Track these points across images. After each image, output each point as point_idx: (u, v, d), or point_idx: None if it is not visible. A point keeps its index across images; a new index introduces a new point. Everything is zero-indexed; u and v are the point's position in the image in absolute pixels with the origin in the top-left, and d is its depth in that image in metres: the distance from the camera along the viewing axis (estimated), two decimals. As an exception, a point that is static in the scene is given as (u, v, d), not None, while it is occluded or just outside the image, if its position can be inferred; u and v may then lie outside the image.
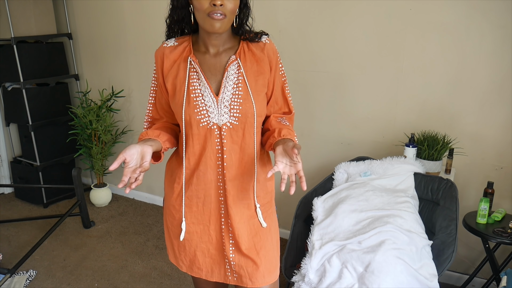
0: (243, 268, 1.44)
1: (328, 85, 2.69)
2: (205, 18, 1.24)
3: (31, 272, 2.68)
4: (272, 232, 1.49)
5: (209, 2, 1.22)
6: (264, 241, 1.45)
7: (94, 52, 3.69)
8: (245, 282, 1.45)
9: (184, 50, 1.36)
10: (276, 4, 2.71)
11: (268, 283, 1.48)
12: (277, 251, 1.52)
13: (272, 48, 1.37)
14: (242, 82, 1.33)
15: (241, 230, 1.40)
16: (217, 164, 1.37)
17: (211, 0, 1.21)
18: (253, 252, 1.43)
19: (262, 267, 1.44)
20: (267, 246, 1.46)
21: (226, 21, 1.25)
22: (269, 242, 1.47)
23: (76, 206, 3.17)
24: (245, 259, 1.43)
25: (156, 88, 1.45)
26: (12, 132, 3.84)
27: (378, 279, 1.68)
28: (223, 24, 1.25)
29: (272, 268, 1.49)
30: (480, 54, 2.24)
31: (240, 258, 1.43)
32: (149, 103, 1.48)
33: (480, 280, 2.43)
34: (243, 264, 1.43)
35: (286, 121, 1.46)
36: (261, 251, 1.44)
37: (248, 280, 1.44)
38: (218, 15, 1.22)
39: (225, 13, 1.23)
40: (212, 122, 1.33)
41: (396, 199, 2.04)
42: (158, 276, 2.67)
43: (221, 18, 1.23)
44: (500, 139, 2.29)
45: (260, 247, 1.44)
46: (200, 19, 1.27)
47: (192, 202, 1.42)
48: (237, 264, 1.44)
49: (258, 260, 1.43)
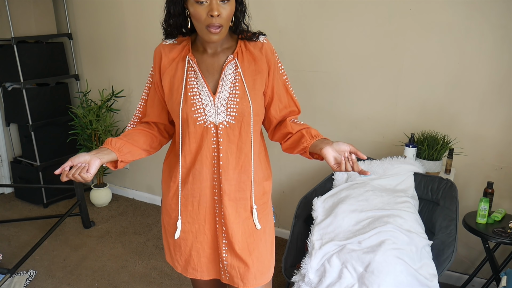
0: (235, 269, 1.44)
1: (328, 85, 2.69)
2: (204, 29, 1.26)
3: (31, 272, 2.68)
4: (266, 233, 1.48)
5: (207, 12, 1.23)
6: (257, 242, 1.44)
7: (94, 52, 3.69)
8: (236, 282, 1.45)
9: (183, 49, 1.37)
10: (276, 4, 2.71)
11: (260, 285, 1.47)
12: (271, 253, 1.51)
13: (269, 48, 1.38)
14: (239, 81, 1.33)
15: (235, 230, 1.40)
16: (213, 163, 1.37)
17: (209, 11, 1.22)
18: (246, 253, 1.42)
19: (254, 269, 1.44)
20: (260, 247, 1.45)
21: (223, 30, 1.27)
22: (262, 243, 1.46)
23: (76, 206, 3.18)
24: (237, 260, 1.43)
25: (150, 85, 1.46)
26: (12, 132, 3.84)
27: (378, 279, 1.68)
28: (221, 35, 1.28)
29: (265, 270, 1.48)
30: (480, 54, 2.24)
31: (232, 259, 1.43)
32: (142, 99, 1.49)
33: (480, 280, 2.43)
34: (235, 264, 1.43)
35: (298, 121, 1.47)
36: (254, 252, 1.43)
37: (239, 280, 1.44)
38: (215, 28, 1.24)
39: (222, 23, 1.25)
40: (209, 121, 1.34)
41: (396, 199, 2.04)
42: (158, 276, 2.67)
43: (218, 31, 1.26)
44: (500, 139, 2.29)
45: (253, 248, 1.43)
46: (198, 30, 1.29)
47: (187, 201, 1.42)
48: (229, 264, 1.44)
49: (250, 262, 1.43)
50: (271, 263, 1.51)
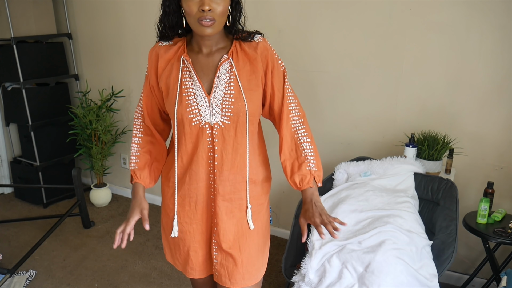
0: (224, 267, 1.44)
1: (328, 85, 2.69)
2: (196, 23, 1.26)
3: (31, 272, 2.68)
4: (260, 234, 1.48)
5: (198, 7, 1.23)
6: (249, 243, 1.44)
7: (94, 52, 3.69)
8: (224, 281, 1.45)
9: (178, 49, 1.37)
10: (276, 4, 2.71)
11: (247, 285, 1.46)
12: (262, 255, 1.50)
13: (265, 47, 1.36)
14: (234, 81, 1.32)
15: (226, 230, 1.40)
16: (209, 163, 1.37)
17: (200, 6, 1.22)
18: (236, 253, 1.42)
19: (243, 269, 1.44)
20: (252, 248, 1.45)
21: (216, 24, 1.26)
22: (255, 244, 1.45)
23: (76, 206, 3.17)
24: (226, 259, 1.43)
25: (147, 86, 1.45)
26: (12, 132, 3.84)
27: (378, 279, 1.68)
28: (213, 28, 1.26)
29: (254, 271, 1.47)
30: (480, 54, 2.24)
31: (222, 257, 1.44)
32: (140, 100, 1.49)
33: (480, 280, 2.43)
34: (224, 263, 1.43)
35: (302, 129, 1.41)
36: (244, 253, 1.43)
37: (227, 279, 1.44)
38: (207, 21, 1.24)
39: (214, 17, 1.24)
40: (204, 121, 1.33)
41: (396, 199, 2.04)
42: (158, 276, 2.67)
43: (210, 24, 1.25)
44: (500, 139, 2.29)
45: (244, 248, 1.43)
46: (191, 24, 1.28)
47: (185, 201, 1.42)
48: (219, 263, 1.44)
49: (239, 261, 1.42)
50: (261, 265, 1.50)
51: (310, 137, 1.42)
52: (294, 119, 1.41)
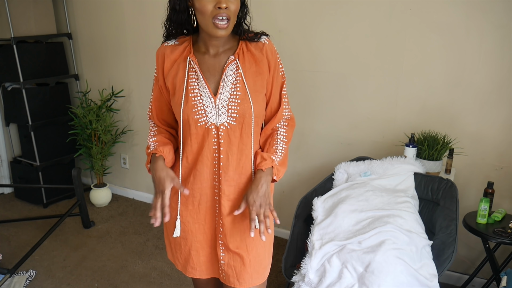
0: (232, 268, 1.44)
1: (328, 85, 2.69)
2: (210, 23, 1.24)
3: (31, 272, 2.68)
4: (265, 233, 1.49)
5: (214, 5, 1.22)
6: (256, 242, 1.44)
7: (94, 52, 3.69)
8: (232, 282, 1.45)
9: (184, 49, 1.36)
10: (276, 4, 2.71)
11: (255, 284, 1.47)
12: (268, 253, 1.51)
13: (271, 49, 1.37)
14: (241, 82, 1.33)
15: (233, 230, 1.41)
16: (214, 164, 1.37)
17: (217, 3, 1.21)
18: (244, 252, 1.42)
19: (251, 268, 1.44)
20: (259, 247, 1.45)
21: (230, 25, 1.26)
22: (261, 243, 1.46)
23: (76, 206, 3.17)
24: (234, 259, 1.43)
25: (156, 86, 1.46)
26: (12, 132, 3.84)
27: (378, 279, 1.68)
28: (227, 30, 1.26)
29: (261, 270, 1.48)
30: (480, 54, 2.24)
31: (229, 258, 1.44)
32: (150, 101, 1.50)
33: (480, 280, 2.43)
34: (232, 263, 1.44)
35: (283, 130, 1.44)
36: (252, 252, 1.44)
37: (235, 280, 1.44)
38: (223, 22, 1.23)
39: (229, 16, 1.24)
40: (210, 122, 1.33)
41: (396, 199, 2.04)
42: (158, 276, 2.67)
43: (226, 26, 1.24)
44: (500, 139, 2.29)
45: (251, 248, 1.43)
46: (203, 24, 1.27)
47: (188, 200, 1.43)
48: (226, 263, 1.44)
49: (247, 261, 1.43)
50: (268, 263, 1.51)
51: (288, 139, 1.44)
52: (281, 124, 1.45)
